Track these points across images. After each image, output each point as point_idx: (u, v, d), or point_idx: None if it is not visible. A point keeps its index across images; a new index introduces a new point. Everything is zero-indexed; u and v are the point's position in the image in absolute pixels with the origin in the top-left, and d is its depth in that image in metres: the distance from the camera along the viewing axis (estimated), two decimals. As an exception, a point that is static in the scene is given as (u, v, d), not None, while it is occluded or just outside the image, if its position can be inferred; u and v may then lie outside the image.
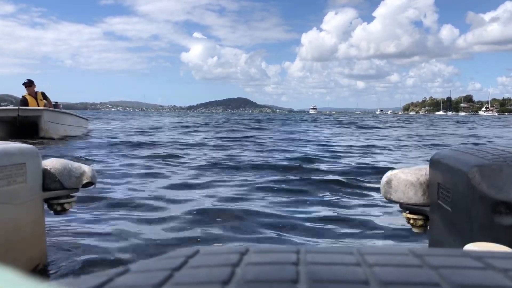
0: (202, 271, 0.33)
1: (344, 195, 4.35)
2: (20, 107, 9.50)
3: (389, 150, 9.67)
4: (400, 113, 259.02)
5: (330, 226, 3.14)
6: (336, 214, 3.54)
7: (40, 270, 2.11)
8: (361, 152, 8.95)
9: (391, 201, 1.66)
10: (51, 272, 2.16)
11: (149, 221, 3.27)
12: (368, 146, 10.36)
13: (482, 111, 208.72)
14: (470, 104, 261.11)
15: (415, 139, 13.71)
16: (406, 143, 11.64)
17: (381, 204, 3.75)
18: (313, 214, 3.50)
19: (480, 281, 0.30)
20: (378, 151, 9.39)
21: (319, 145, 10.55)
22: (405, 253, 0.37)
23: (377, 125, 26.78)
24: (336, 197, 4.26)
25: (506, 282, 0.30)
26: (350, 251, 0.37)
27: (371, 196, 4.29)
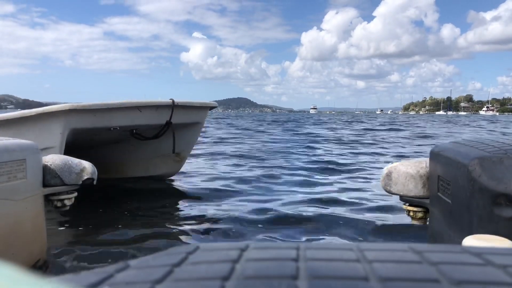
0: (202, 267, 0.33)
1: None
2: (177, 102, 4.13)
3: None
4: (400, 112, 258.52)
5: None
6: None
7: (41, 266, 2.12)
8: None
9: (391, 193, 1.66)
10: (51, 267, 2.17)
11: (151, 216, 3.28)
12: None
13: (483, 110, 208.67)
14: (470, 103, 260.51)
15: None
16: None
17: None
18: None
19: (479, 277, 0.31)
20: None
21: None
22: (404, 249, 0.37)
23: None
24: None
25: (505, 278, 0.30)
26: (350, 247, 0.37)
27: None
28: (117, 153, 4.63)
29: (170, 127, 4.14)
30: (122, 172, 4.73)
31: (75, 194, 2.28)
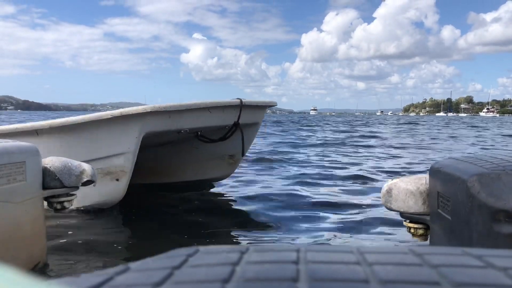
0: (202, 270, 0.33)
1: None
2: (245, 101, 3.93)
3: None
4: (400, 114, 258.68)
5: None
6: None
7: (40, 269, 2.11)
8: None
9: (391, 210, 1.66)
10: (51, 270, 2.16)
11: (150, 218, 3.27)
12: None
13: (484, 112, 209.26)
14: (470, 105, 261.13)
15: None
16: None
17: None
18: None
19: (479, 280, 0.30)
20: None
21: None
22: (405, 252, 0.37)
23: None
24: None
25: (505, 280, 0.30)
26: (350, 249, 0.37)
27: None
28: (166, 157, 4.40)
29: (238, 128, 3.95)
30: (170, 176, 4.48)
31: (75, 196, 2.27)
